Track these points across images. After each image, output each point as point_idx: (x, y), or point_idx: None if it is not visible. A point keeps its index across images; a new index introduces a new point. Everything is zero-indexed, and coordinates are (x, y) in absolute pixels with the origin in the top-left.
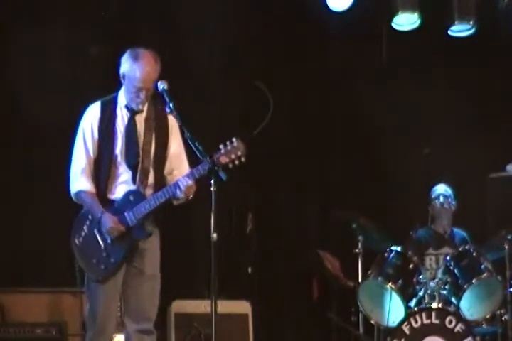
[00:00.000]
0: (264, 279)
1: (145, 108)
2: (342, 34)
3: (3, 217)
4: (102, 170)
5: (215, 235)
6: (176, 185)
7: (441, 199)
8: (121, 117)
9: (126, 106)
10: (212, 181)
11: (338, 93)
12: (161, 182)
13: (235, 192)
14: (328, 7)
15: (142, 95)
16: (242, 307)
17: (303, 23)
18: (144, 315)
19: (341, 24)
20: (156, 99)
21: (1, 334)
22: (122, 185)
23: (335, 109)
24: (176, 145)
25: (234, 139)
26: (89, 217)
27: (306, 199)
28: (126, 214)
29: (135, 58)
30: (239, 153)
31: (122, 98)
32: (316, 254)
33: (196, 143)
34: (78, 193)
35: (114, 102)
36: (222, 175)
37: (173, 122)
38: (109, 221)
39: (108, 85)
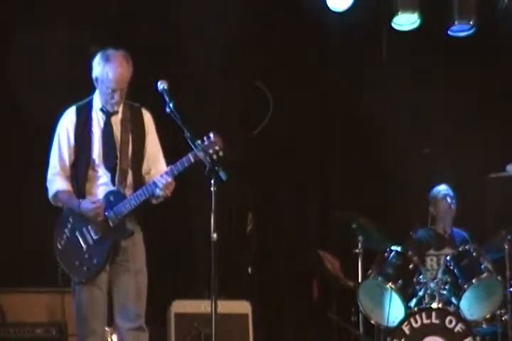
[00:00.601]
0: (264, 279)
1: (120, 109)
2: (342, 34)
3: (3, 217)
4: (79, 173)
5: (215, 235)
6: (155, 182)
7: (449, 200)
8: (97, 120)
9: (102, 109)
10: (212, 181)
11: (338, 93)
12: (139, 182)
13: (235, 192)
14: (328, 7)
15: (117, 96)
16: (242, 307)
17: (303, 23)
18: (134, 312)
19: (341, 24)
20: (129, 99)
21: (1, 334)
22: (102, 186)
23: (335, 109)
24: (152, 144)
25: (211, 134)
26: (70, 219)
27: (306, 199)
28: (107, 214)
29: (106, 60)
30: (216, 148)
31: (97, 101)
32: (316, 254)
33: (196, 143)
34: (55, 195)
35: (89, 106)
36: (223, 175)
37: (148, 122)
38: (88, 203)
39: None
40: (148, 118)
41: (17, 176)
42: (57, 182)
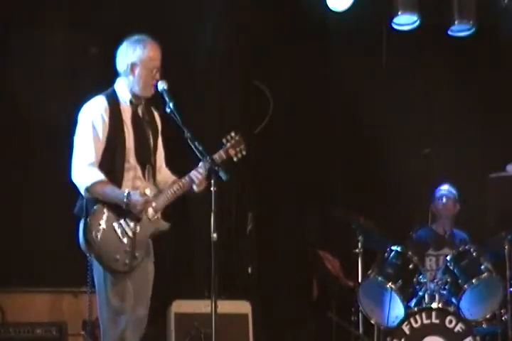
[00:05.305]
0: (264, 279)
1: (142, 101)
2: (342, 34)
3: (2, 217)
4: (117, 164)
5: (215, 235)
6: (191, 178)
7: (444, 199)
8: (126, 111)
9: (129, 101)
10: (212, 181)
11: (338, 93)
12: (157, 178)
13: (235, 192)
14: (328, 7)
15: (158, 75)
16: (242, 307)
17: (303, 23)
18: (148, 298)
19: (341, 24)
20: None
21: (1, 334)
22: (134, 180)
23: (335, 109)
24: (161, 141)
25: (233, 134)
26: (105, 211)
27: (306, 200)
28: None
29: (139, 42)
30: (242, 147)
31: (123, 91)
32: (316, 254)
33: (196, 143)
34: (94, 185)
35: (115, 96)
36: (223, 175)
37: (158, 119)
38: (138, 196)
39: (108, 85)
40: (157, 115)
41: (17, 176)
42: (95, 172)
